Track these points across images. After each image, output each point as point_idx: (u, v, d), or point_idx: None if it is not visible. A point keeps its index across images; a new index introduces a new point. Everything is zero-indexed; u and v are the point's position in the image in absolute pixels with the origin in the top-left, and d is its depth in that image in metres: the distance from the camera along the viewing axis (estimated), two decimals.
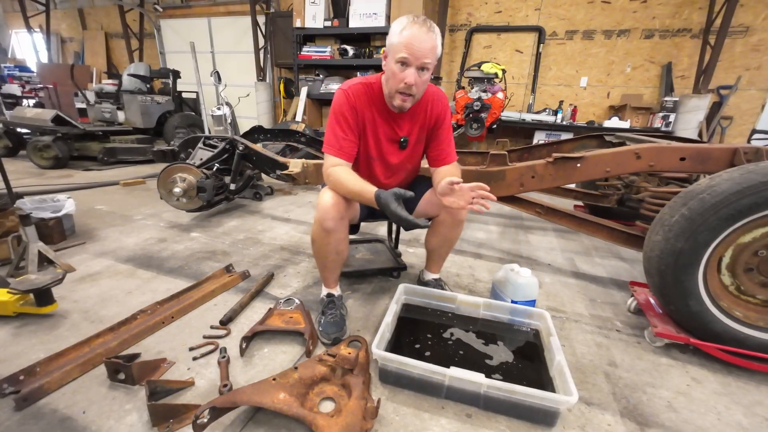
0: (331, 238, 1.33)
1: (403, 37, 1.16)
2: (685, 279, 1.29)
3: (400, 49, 1.17)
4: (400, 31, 1.17)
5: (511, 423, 1.05)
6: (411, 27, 1.15)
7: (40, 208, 2.10)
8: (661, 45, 4.55)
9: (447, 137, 1.46)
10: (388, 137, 1.40)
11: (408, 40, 1.15)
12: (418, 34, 1.15)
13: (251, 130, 3.21)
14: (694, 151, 1.63)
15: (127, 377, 1.10)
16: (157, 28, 7.30)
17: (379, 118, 1.36)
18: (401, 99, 1.26)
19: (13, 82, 6.60)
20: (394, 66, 1.20)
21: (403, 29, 1.16)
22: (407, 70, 1.19)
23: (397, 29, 1.18)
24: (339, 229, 1.32)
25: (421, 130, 1.42)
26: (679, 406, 1.15)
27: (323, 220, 1.29)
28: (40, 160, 4.12)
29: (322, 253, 1.40)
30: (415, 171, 1.58)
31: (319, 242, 1.36)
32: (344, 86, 1.33)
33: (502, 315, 1.44)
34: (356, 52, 5.23)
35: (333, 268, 1.47)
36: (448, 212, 1.45)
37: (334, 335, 1.34)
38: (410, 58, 1.17)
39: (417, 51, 1.16)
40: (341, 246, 1.38)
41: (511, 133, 5.15)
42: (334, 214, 1.28)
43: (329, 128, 1.34)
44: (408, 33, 1.15)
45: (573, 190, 2.82)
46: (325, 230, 1.30)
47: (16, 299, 1.37)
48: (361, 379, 1.09)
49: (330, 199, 1.29)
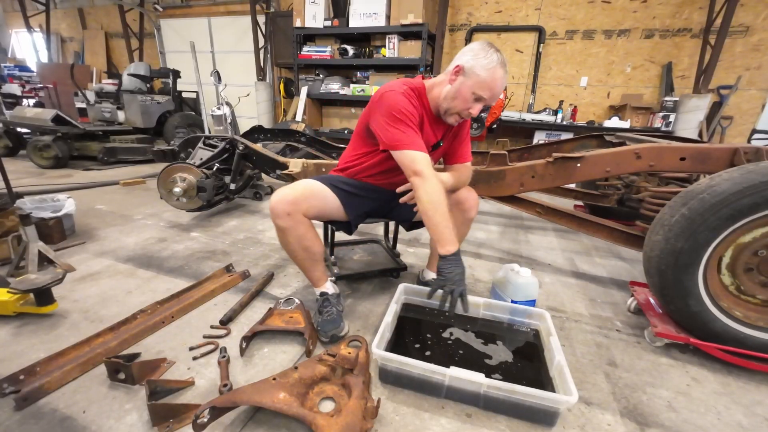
0: (289, 236, 1.30)
1: (492, 79, 1.20)
2: (685, 279, 1.30)
3: (484, 88, 1.21)
4: (489, 68, 1.19)
5: (511, 423, 1.05)
6: (499, 68, 1.20)
7: (40, 208, 2.10)
8: (661, 45, 4.55)
9: (466, 139, 1.52)
10: (429, 141, 1.40)
11: (496, 84, 1.21)
12: (502, 80, 1.21)
13: (251, 130, 3.22)
14: (694, 151, 1.63)
15: (127, 377, 1.10)
16: (157, 27, 7.30)
17: (426, 122, 1.36)
18: (456, 120, 1.33)
19: (13, 81, 6.59)
20: (468, 94, 1.24)
21: (493, 68, 1.19)
22: (478, 104, 1.26)
23: (485, 63, 1.19)
24: (294, 225, 1.28)
25: (451, 134, 1.47)
26: (679, 406, 1.15)
27: (273, 219, 1.28)
28: (40, 160, 4.12)
29: (289, 251, 1.37)
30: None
31: (282, 242, 1.35)
32: (397, 89, 1.28)
33: (502, 315, 1.44)
34: (356, 51, 5.24)
35: (310, 266, 1.42)
36: (459, 209, 1.47)
37: (332, 332, 1.34)
38: (489, 100, 1.24)
39: (496, 95, 1.25)
40: (306, 242, 1.32)
41: (511, 132, 5.15)
42: (279, 211, 1.25)
43: (396, 127, 1.24)
44: (497, 77, 1.20)
45: (573, 190, 2.82)
46: (279, 229, 1.30)
47: (16, 299, 1.37)
48: (361, 378, 1.09)
49: (276, 196, 1.27)
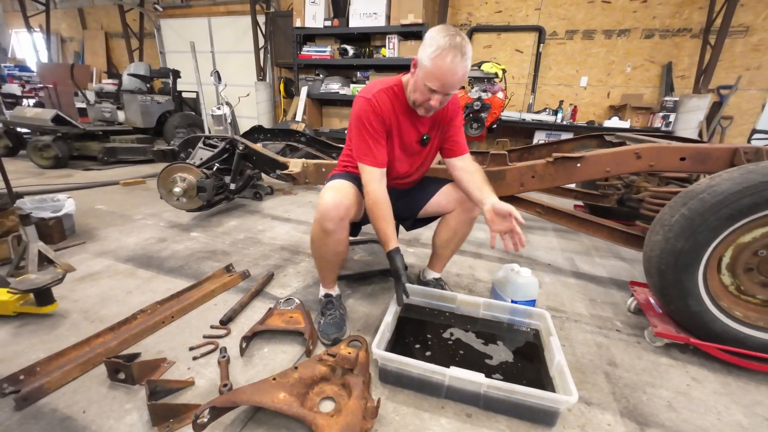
0: (330, 239, 1.31)
1: (436, 67, 1.10)
2: (685, 279, 1.29)
3: (431, 78, 1.13)
4: (434, 57, 1.10)
5: (511, 423, 1.05)
6: (445, 56, 1.08)
7: (40, 208, 2.10)
8: (661, 45, 4.54)
9: (460, 131, 1.47)
10: (412, 136, 1.39)
11: (441, 73, 1.10)
12: (451, 68, 1.09)
13: (251, 130, 3.22)
14: (694, 151, 1.63)
15: (127, 377, 1.10)
16: (157, 27, 7.30)
17: (404, 120, 1.34)
18: (425, 111, 1.27)
19: (13, 81, 6.59)
20: (423, 87, 1.17)
21: (437, 55, 1.09)
22: (435, 96, 1.18)
23: (431, 50, 1.10)
24: (339, 230, 1.30)
25: (439, 126, 1.43)
26: (679, 405, 1.15)
27: (323, 221, 1.27)
28: (40, 160, 4.12)
29: (320, 253, 1.40)
30: (430, 165, 1.59)
31: (318, 242, 1.35)
32: (366, 94, 1.28)
33: (502, 315, 1.44)
34: (356, 51, 5.23)
35: (331, 269, 1.47)
36: (462, 209, 1.46)
37: (334, 336, 1.34)
38: (440, 90, 1.16)
39: (447, 84, 1.13)
40: (340, 247, 1.37)
41: (511, 132, 5.14)
42: (334, 215, 1.26)
43: (358, 137, 1.29)
44: (442, 65, 1.09)
45: (573, 190, 2.82)
46: (325, 231, 1.29)
47: (16, 299, 1.37)
48: (361, 378, 1.09)
49: (331, 200, 1.26)
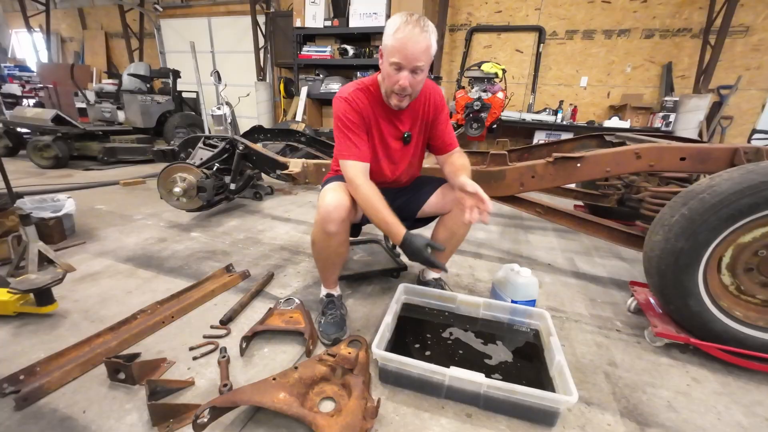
0: (332, 241, 1.31)
1: (396, 40, 1.14)
2: (685, 279, 1.29)
3: (393, 52, 1.15)
4: (393, 33, 1.14)
5: (511, 423, 1.05)
6: (404, 29, 1.13)
7: (40, 208, 2.10)
8: (661, 45, 4.55)
9: (446, 127, 1.47)
10: (392, 135, 1.40)
11: (401, 44, 1.13)
12: (411, 37, 1.12)
13: (251, 130, 3.22)
14: (694, 150, 1.63)
15: (127, 377, 1.10)
16: (157, 27, 7.30)
17: (381, 118, 1.36)
18: (398, 99, 1.27)
19: (13, 81, 6.60)
20: (389, 68, 1.20)
21: (396, 31, 1.14)
22: (401, 73, 1.19)
23: (390, 30, 1.15)
24: (340, 232, 1.30)
25: (421, 123, 1.43)
26: (679, 405, 1.15)
27: (325, 223, 1.27)
28: (40, 160, 4.12)
29: (322, 255, 1.40)
30: (419, 163, 1.59)
31: (319, 244, 1.35)
32: (342, 94, 1.32)
33: (502, 315, 1.44)
34: (356, 51, 5.24)
35: (333, 270, 1.46)
36: (460, 209, 1.45)
37: (334, 336, 1.34)
38: (403, 62, 1.16)
39: (410, 55, 1.14)
40: (342, 248, 1.37)
41: (511, 132, 5.15)
42: (335, 217, 1.26)
43: (340, 136, 1.31)
44: (401, 36, 1.13)
45: (573, 190, 2.82)
46: (327, 233, 1.29)
47: (16, 299, 1.37)
48: (361, 378, 1.09)
49: (332, 201, 1.26)
